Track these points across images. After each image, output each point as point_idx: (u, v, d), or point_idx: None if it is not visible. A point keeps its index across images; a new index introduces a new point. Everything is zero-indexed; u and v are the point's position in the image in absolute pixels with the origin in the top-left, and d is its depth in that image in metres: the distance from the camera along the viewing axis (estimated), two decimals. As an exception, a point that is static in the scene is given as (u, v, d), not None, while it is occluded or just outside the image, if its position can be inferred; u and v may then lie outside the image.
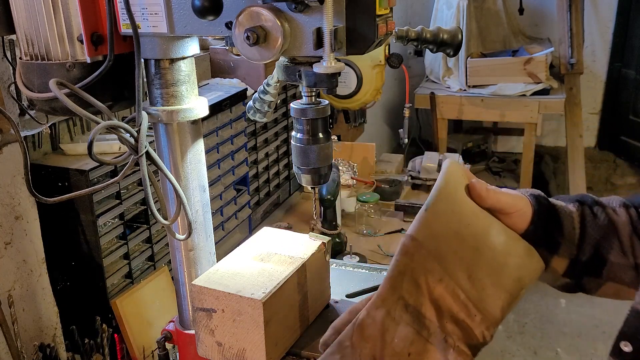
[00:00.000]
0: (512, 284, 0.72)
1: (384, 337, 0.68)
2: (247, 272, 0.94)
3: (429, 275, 0.69)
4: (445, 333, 0.68)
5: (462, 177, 0.76)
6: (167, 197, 0.97)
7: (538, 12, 4.67)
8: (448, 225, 0.71)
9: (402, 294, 0.69)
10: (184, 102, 0.93)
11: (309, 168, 0.91)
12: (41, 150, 1.46)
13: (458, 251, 0.70)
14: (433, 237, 0.70)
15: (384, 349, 0.68)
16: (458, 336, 0.69)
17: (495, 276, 0.71)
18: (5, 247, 1.28)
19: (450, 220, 0.71)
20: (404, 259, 0.69)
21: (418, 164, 2.60)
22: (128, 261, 1.52)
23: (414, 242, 0.69)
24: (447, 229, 0.71)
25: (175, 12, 0.83)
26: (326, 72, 0.76)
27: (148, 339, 1.49)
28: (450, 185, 0.73)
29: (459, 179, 0.75)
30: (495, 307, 0.70)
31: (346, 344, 0.70)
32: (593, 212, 0.78)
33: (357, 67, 1.97)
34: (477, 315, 0.69)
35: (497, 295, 0.71)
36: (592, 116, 4.96)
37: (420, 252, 0.69)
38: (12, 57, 1.25)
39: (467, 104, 3.90)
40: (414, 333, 0.68)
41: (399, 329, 0.68)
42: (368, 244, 2.13)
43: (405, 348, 0.68)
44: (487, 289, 0.70)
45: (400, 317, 0.69)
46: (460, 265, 0.70)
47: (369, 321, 0.69)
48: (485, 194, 0.74)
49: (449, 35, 1.16)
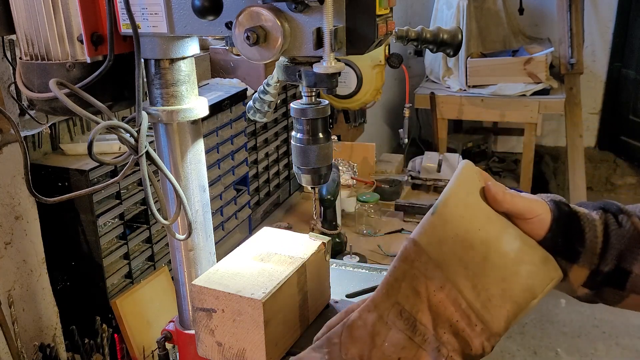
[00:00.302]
0: (521, 294, 0.70)
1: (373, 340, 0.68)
2: (247, 272, 0.94)
3: (429, 282, 0.68)
4: (439, 342, 0.67)
5: (478, 179, 0.74)
6: (167, 197, 0.97)
7: (538, 12, 4.67)
8: (455, 231, 0.69)
9: (398, 300, 0.68)
10: (184, 102, 0.93)
11: (309, 168, 0.91)
12: (41, 150, 1.46)
13: (464, 258, 0.69)
14: (437, 243, 0.69)
15: (372, 351, 0.68)
16: (453, 347, 0.67)
17: (503, 285, 0.69)
18: (5, 247, 1.28)
19: (458, 225, 0.70)
20: (402, 265, 0.69)
21: (418, 164, 2.60)
22: (128, 261, 1.52)
23: (416, 247, 0.68)
24: (454, 234, 0.69)
25: (175, 12, 0.83)
26: (326, 72, 0.76)
27: (148, 339, 1.49)
28: (462, 188, 0.72)
29: (474, 181, 0.73)
30: (499, 317, 0.68)
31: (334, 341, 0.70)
32: (618, 220, 0.74)
33: (357, 67, 1.97)
34: (479, 325, 0.67)
35: (503, 306, 0.69)
36: (592, 116, 4.97)
37: (421, 258, 0.68)
38: (12, 57, 1.25)
39: (467, 104, 3.90)
40: (406, 339, 0.68)
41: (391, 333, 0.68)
42: (368, 244, 2.13)
43: (395, 353, 0.68)
44: (493, 298, 0.68)
45: (393, 322, 0.68)
46: (465, 272, 0.68)
47: (359, 323, 0.69)
48: (501, 197, 0.72)
49: (449, 35, 1.16)
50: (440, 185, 2.52)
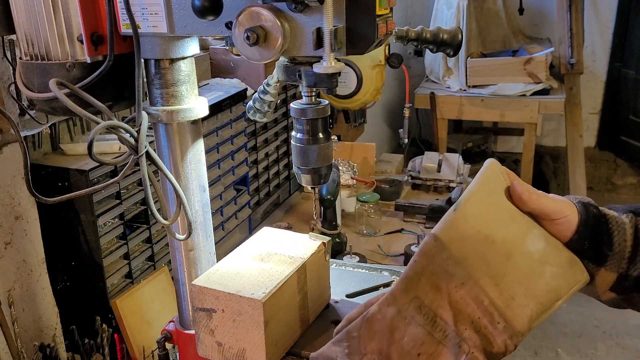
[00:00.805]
0: (546, 295, 0.69)
1: (392, 334, 0.68)
2: (247, 272, 0.94)
3: (450, 278, 0.67)
4: (460, 338, 0.66)
5: (503, 178, 0.73)
6: (167, 197, 0.97)
7: (538, 12, 4.67)
8: (477, 228, 0.69)
9: (417, 294, 0.67)
10: (184, 102, 0.93)
11: (309, 168, 0.91)
12: (41, 150, 1.46)
13: (486, 255, 0.68)
14: (459, 240, 0.68)
15: (391, 345, 0.68)
16: (475, 343, 0.66)
17: (527, 284, 0.68)
18: (5, 247, 1.28)
19: (480, 223, 0.69)
20: (422, 260, 0.68)
21: (418, 164, 2.60)
22: (128, 261, 1.52)
23: (437, 243, 0.68)
24: (476, 232, 0.68)
25: (175, 12, 0.83)
26: (326, 72, 0.76)
27: (148, 339, 1.49)
28: (486, 186, 0.71)
29: (498, 180, 0.73)
30: (522, 316, 0.68)
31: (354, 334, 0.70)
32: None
33: (357, 67, 1.97)
34: (501, 322, 0.67)
35: (527, 305, 0.68)
36: (592, 116, 4.97)
37: (442, 253, 0.68)
38: (12, 57, 1.25)
39: (467, 104, 3.90)
40: (426, 334, 0.67)
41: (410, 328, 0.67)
42: (368, 244, 2.13)
43: (415, 348, 0.67)
44: (517, 297, 0.68)
45: (412, 317, 0.67)
46: (488, 270, 0.68)
47: (379, 317, 0.69)
48: (527, 197, 0.71)
49: (449, 35, 1.16)
50: (440, 185, 2.52)
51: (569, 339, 3.18)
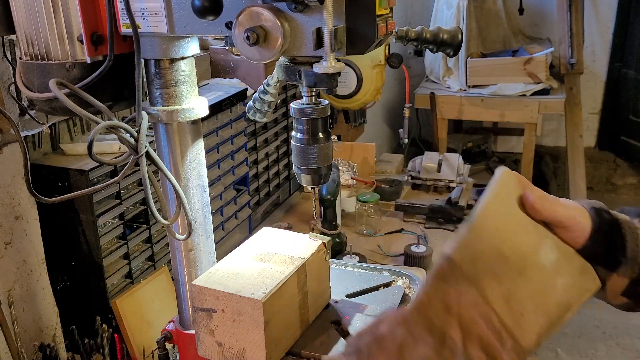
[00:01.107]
0: (555, 308, 0.68)
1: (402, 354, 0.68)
2: (247, 272, 0.94)
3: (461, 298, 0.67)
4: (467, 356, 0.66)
5: (516, 187, 0.72)
6: (167, 197, 0.97)
7: (538, 12, 4.67)
8: (490, 244, 0.68)
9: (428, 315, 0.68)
10: (184, 102, 0.93)
11: (309, 168, 0.92)
12: (41, 150, 1.46)
13: (498, 273, 0.67)
14: (472, 259, 0.67)
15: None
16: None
17: (538, 300, 0.68)
18: (5, 247, 1.28)
19: (493, 238, 0.68)
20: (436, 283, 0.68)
21: (418, 164, 2.60)
22: (128, 261, 1.52)
23: (450, 264, 0.67)
24: (489, 248, 0.68)
25: (175, 12, 0.83)
26: (326, 72, 0.77)
27: (148, 339, 1.49)
28: (499, 199, 0.70)
29: (511, 189, 0.71)
30: (530, 333, 0.67)
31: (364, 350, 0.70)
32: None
33: (357, 67, 1.97)
34: (509, 341, 0.66)
35: (536, 321, 0.67)
36: (592, 116, 4.97)
37: (455, 274, 0.67)
38: (12, 57, 1.25)
39: (467, 104, 3.90)
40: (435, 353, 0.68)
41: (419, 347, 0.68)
42: (368, 244, 2.13)
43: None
44: (526, 313, 0.67)
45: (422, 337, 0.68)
46: (499, 287, 0.67)
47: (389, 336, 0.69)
48: (539, 206, 0.70)
49: (449, 35, 1.16)
50: (440, 185, 2.52)
51: (569, 339, 3.18)
